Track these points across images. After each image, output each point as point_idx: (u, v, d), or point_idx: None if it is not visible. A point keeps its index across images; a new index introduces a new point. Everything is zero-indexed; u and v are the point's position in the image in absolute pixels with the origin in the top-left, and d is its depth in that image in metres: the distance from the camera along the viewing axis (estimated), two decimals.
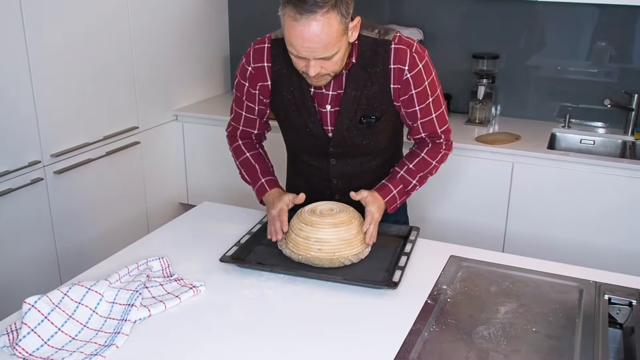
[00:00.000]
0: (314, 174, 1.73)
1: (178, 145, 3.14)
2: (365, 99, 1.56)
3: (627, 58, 2.78)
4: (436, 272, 1.50)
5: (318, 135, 1.63)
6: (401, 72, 1.54)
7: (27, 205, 2.30)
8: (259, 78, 1.62)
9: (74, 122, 2.48)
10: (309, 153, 1.71)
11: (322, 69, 1.42)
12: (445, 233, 2.63)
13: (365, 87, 1.55)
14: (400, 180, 1.65)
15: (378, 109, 1.59)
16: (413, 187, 1.68)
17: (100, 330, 1.26)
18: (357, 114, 1.58)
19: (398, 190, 1.64)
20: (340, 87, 1.56)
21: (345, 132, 1.61)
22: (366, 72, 1.54)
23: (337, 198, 1.71)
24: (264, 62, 1.60)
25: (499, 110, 3.06)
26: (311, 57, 1.39)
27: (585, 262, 1.70)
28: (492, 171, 2.58)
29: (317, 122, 1.60)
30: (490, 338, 1.25)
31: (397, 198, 1.65)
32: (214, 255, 1.57)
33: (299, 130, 1.66)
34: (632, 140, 2.73)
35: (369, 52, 1.53)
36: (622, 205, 2.41)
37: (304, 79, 1.53)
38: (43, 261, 2.40)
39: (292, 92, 1.59)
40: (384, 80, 1.55)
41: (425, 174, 1.68)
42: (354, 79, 1.54)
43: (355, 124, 1.59)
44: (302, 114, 1.61)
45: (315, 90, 1.58)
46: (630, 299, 1.38)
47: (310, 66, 1.40)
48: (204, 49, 3.26)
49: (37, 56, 2.25)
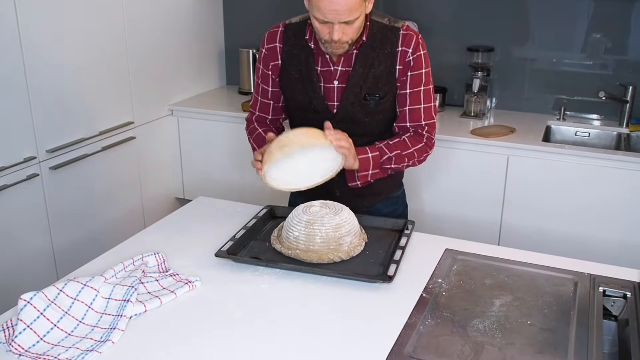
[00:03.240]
0: None
1: (173, 140, 3.13)
2: (371, 78, 1.66)
3: (622, 50, 2.78)
4: (431, 265, 1.51)
5: (322, 110, 1.70)
6: (405, 53, 1.65)
7: (23, 201, 2.29)
8: (271, 58, 1.73)
9: (69, 117, 2.47)
10: None
11: (343, 34, 1.54)
12: (441, 226, 2.63)
13: (373, 66, 1.65)
14: (378, 150, 1.66)
15: (382, 89, 1.68)
16: (388, 161, 1.67)
17: (96, 326, 1.26)
18: (362, 91, 1.67)
19: (373, 155, 1.65)
20: (349, 65, 1.66)
21: (349, 106, 1.68)
22: (375, 52, 1.65)
23: (337, 179, 1.69)
24: (276, 43, 1.72)
25: (494, 103, 3.06)
26: (335, 21, 1.51)
27: (580, 254, 1.71)
28: (487, 164, 2.58)
29: (321, 98, 1.69)
30: (485, 331, 1.25)
31: (370, 162, 1.64)
32: (210, 250, 1.57)
33: (303, 107, 1.73)
34: (627, 133, 2.74)
35: (379, 34, 1.65)
36: (617, 197, 2.42)
37: (311, 58, 1.67)
38: (39, 257, 2.40)
39: (300, 70, 1.69)
40: (390, 62, 1.66)
41: (402, 155, 1.68)
42: (363, 57, 1.65)
43: (360, 100, 1.67)
44: (307, 90, 1.69)
45: (321, 69, 1.67)
46: (624, 291, 1.38)
47: (334, 30, 1.52)
48: (199, 43, 3.25)
49: (31, 51, 2.24)
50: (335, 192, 1.76)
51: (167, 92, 3.07)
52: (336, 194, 1.77)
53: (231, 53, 3.45)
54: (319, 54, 1.67)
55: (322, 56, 1.67)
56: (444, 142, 2.64)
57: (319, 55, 1.67)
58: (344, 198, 1.71)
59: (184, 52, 3.14)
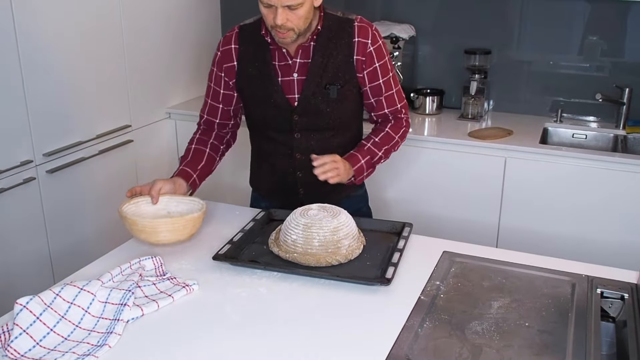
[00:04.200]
0: (278, 150, 1.79)
1: (171, 143, 3.13)
2: (330, 68, 1.70)
3: (618, 52, 2.78)
4: (429, 268, 1.51)
5: (282, 104, 1.72)
6: (364, 45, 1.70)
7: (20, 204, 2.28)
8: (225, 60, 1.76)
9: (66, 120, 2.46)
10: (274, 128, 1.78)
11: (287, 20, 1.56)
12: (439, 229, 2.63)
13: (332, 56, 1.69)
14: (368, 152, 1.77)
15: (342, 78, 1.72)
16: (379, 159, 1.80)
17: (92, 330, 1.26)
18: (322, 80, 1.70)
19: (366, 160, 1.76)
20: (307, 57, 1.70)
21: (311, 97, 1.71)
22: (332, 43, 1.69)
23: (300, 175, 1.79)
24: (231, 45, 1.75)
25: (492, 106, 3.07)
26: (279, 5, 1.53)
27: (578, 256, 1.71)
28: (485, 166, 2.59)
29: (281, 92, 1.71)
30: (483, 333, 1.25)
31: (364, 168, 1.76)
32: (207, 253, 1.57)
33: (264, 103, 1.75)
34: (624, 134, 2.74)
35: (334, 26, 1.70)
36: (614, 199, 2.42)
37: (268, 54, 1.70)
38: (36, 261, 2.39)
39: (257, 66, 1.72)
40: (348, 52, 1.70)
41: (389, 148, 1.81)
42: (321, 48, 1.69)
43: (321, 89, 1.71)
44: (266, 85, 1.72)
45: (279, 64, 1.70)
46: (622, 292, 1.38)
47: (278, 14, 1.54)
48: (196, 46, 3.25)
49: (28, 55, 2.24)
50: (299, 192, 1.80)
51: (165, 95, 3.07)
52: (300, 193, 1.80)
53: None
54: (276, 49, 1.69)
55: (279, 50, 1.69)
56: (441, 144, 2.64)
57: (275, 50, 1.69)
58: (308, 197, 1.75)
59: (181, 54, 3.14)
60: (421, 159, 2.67)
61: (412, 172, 2.68)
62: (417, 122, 2.93)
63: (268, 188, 1.90)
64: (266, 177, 1.88)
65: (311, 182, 1.70)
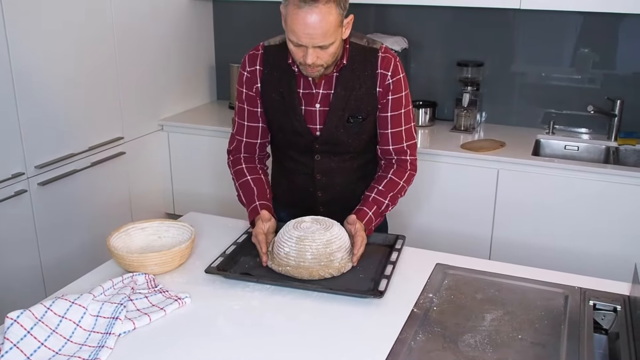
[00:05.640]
0: (299, 170, 1.78)
1: (164, 155, 3.13)
2: (353, 100, 1.67)
3: (609, 64, 2.81)
4: (422, 280, 1.50)
5: (304, 133, 1.70)
6: (384, 77, 1.67)
7: (11, 217, 2.27)
8: (254, 80, 1.71)
9: (58, 133, 2.46)
10: (295, 150, 1.77)
11: (317, 58, 1.53)
12: (432, 241, 2.63)
13: (354, 88, 1.66)
14: (374, 202, 1.71)
15: (364, 110, 1.69)
16: (386, 208, 1.73)
17: (84, 344, 1.25)
18: (345, 113, 1.67)
19: (373, 211, 1.70)
20: (330, 88, 1.66)
21: (334, 129, 1.69)
22: (355, 75, 1.66)
23: (320, 195, 1.78)
24: (256, 66, 1.70)
25: (484, 117, 3.08)
26: (310, 45, 1.50)
27: (571, 268, 1.71)
28: (477, 178, 2.59)
29: (303, 122, 1.68)
30: (476, 346, 1.25)
31: (373, 220, 1.70)
32: (200, 266, 1.56)
33: (285, 130, 1.72)
34: (616, 146, 2.76)
35: (358, 57, 1.65)
36: (606, 210, 2.43)
37: (293, 81, 1.66)
38: (27, 274, 2.38)
39: (281, 93, 1.68)
40: (371, 83, 1.67)
41: (395, 194, 1.74)
42: (344, 80, 1.65)
43: (343, 122, 1.68)
44: (288, 114, 1.68)
45: (303, 91, 1.67)
46: (615, 304, 1.39)
47: (308, 54, 1.51)
48: (189, 58, 3.26)
49: (20, 67, 2.24)
50: (319, 209, 1.79)
51: (157, 107, 3.07)
52: (320, 210, 1.79)
53: (221, 68, 3.46)
54: (301, 76, 1.66)
55: (304, 78, 1.66)
56: (434, 156, 2.65)
57: (300, 78, 1.66)
58: (325, 202, 1.76)
59: (174, 67, 3.14)
60: None
61: None
62: None
63: (288, 202, 1.86)
64: (286, 193, 1.86)
65: (331, 201, 1.73)
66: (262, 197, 1.71)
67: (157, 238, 1.67)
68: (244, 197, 1.74)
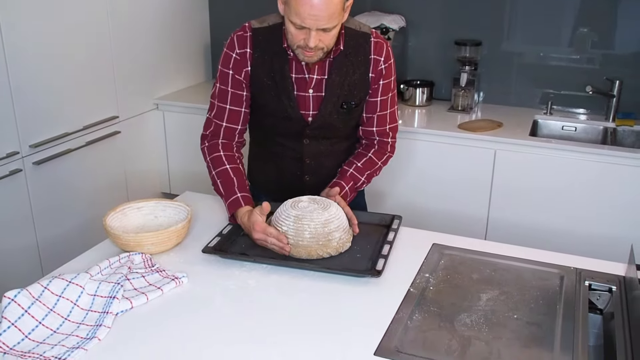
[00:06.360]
0: (286, 154, 1.77)
1: (159, 134, 3.11)
2: (347, 86, 1.66)
3: (608, 44, 2.79)
4: (419, 260, 1.51)
5: (296, 118, 1.68)
6: (377, 62, 1.66)
7: (6, 197, 2.26)
8: (244, 63, 1.65)
9: (53, 111, 2.44)
10: (283, 135, 1.75)
11: (319, 42, 1.50)
12: (428, 221, 2.64)
13: (348, 74, 1.65)
14: (351, 177, 1.74)
15: (357, 96, 1.69)
16: (361, 184, 1.77)
17: (81, 323, 1.25)
18: (339, 99, 1.66)
19: (349, 186, 1.73)
20: (323, 73, 1.64)
21: (327, 115, 1.68)
22: (349, 61, 1.64)
23: (307, 179, 1.78)
24: (246, 49, 1.65)
25: (482, 97, 3.07)
26: (313, 27, 1.47)
27: (567, 248, 1.72)
28: (474, 158, 2.59)
29: (296, 108, 1.66)
30: (472, 325, 1.25)
31: (348, 194, 1.73)
32: (196, 246, 1.56)
33: (276, 115, 1.70)
34: (613, 127, 2.76)
35: (352, 42, 1.63)
36: (603, 191, 2.43)
37: (286, 65, 1.62)
38: (24, 253, 2.38)
39: (273, 77, 1.64)
40: (364, 69, 1.66)
41: (371, 173, 1.78)
42: (338, 65, 1.63)
43: (337, 108, 1.67)
44: (281, 99, 1.66)
45: (296, 76, 1.63)
46: (610, 285, 1.39)
47: (311, 37, 1.48)
48: (184, 36, 3.23)
49: (13, 45, 2.21)
50: (305, 179, 1.79)
51: (153, 86, 3.05)
52: (305, 179, 1.79)
53: (217, 46, 3.43)
54: (294, 61, 1.62)
55: (297, 63, 1.62)
56: (431, 136, 2.64)
57: (293, 62, 1.62)
58: (312, 185, 1.76)
59: (169, 45, 3.11)
60: (411, 151, 2.67)
61: (402, 164, 2.68)
62: (406, 114, 2.93)
63: (271, 188, 1.84)
64: (270, 178, 1.83)
65: (318, 184, 1.73)
66: (242, 189, 1.64)
67: (154, 218, 1.66)
68: (222, 187, 1.65)
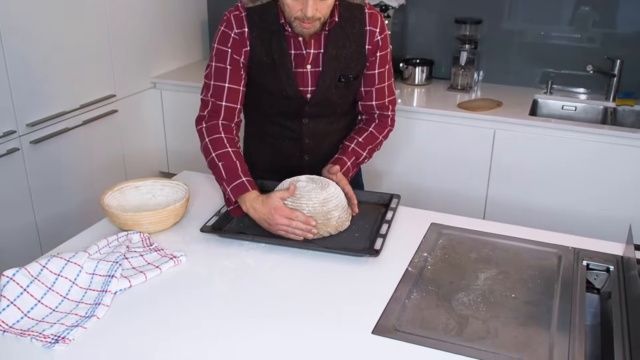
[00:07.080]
0: (285, 135, 1.75)
1: (157, 113, 3.09)
2: (344, 59, 1.64)
3: (610, 23, 2.77)
4: (417, 239, 1.51)
5: (295, 97, 1.66)
6: (373, 34, 1.65)
7: (4, 176, 2.26)
8: (243, 43, 1.62)
9: (50, 90, 2.42)
10: (282, 115, 1.73)
11: (317, 11, 1.50)
12: (427, 200, 2.64)
13: (345, 47, 1.63)
14: (353, 153, 1.73)
15: (354, 69, 1.67)
16: (363, 160, 1.76)
17: (80, 302, 1.25)
18: (337, 73, 1.65)
19: (351, 162, 1.72)
20: (320, 47, 1.62)
21: (326, 89, 1.66)
22: (345, 33, 1.62)
23: (307, 159, 1.77)
24: (244, 28, 1.61)
25: (482, 76, 3.05)
26: None
27: (565, 228, 1.72)
28: (474, 138, 2.58)
29: (294, 85, 1.64)
30: (470, 304, 1.26)
31: (350, 170, 1.72)
32: (195, 225, 1.56)
33: (275, 94, 1.67)
34: (614, 107, 2.74)
35: (346, 13, 1.62)
36: (602, 171, 2.43)
37: (284, 42, 1.60)
38: (23, 233, 2.38)
39: (272, 55, 1.62)
40: (360, 41, 1.64)
41: (373, 147, 1.77)
42: (334, 38, 1.61)
43: (335, 82, 1.66)
44: (280, 77, 1.63)
45: (294, 52, 1.62)
46: (607, 264, 1.40)
47: (309, 6, 1.47)
48: (181, 14, 3.19)
49: (8, 23, 2.18)
50: (304, 159, 1.77)
51: (150, 64, 3.02)
52: (305, 159, 1.77)
53: (214, 24, 3.39)
54: (291, 37, 1.59)
55: (294, 39, 1.59)
56: (430, 115, 2.63)
57: (291, 39, 1.60)
58: (311, 165, 1.74)
59: (166, 23, 3.08)
60: (410, 130, 2.66)
61: (401, 143, 2.67)
62: (406, 92, 2.91)
63: (268, 169, 1.81)
64: (267, 159, 1.81)
65: (317, 163, 1.71)
66: (246, 174, 1.57)
67: (152, 197, 1.66)
68: (223, 171, 1.56)
